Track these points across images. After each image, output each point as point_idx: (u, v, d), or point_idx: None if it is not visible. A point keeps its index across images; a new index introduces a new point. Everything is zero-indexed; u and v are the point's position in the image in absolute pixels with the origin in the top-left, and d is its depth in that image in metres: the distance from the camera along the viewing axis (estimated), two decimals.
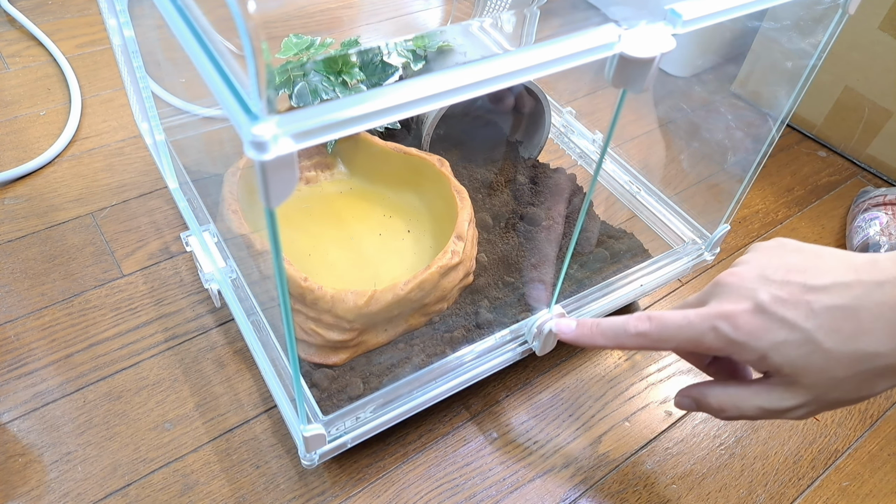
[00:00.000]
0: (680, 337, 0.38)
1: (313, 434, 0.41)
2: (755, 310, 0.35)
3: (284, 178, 0.25)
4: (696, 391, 0.41)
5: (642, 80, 0.31)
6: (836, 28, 0.44)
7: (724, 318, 0.36)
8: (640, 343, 0.40)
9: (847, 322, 0.33)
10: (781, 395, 0.36)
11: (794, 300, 0.34)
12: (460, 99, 0.28)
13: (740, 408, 0.38)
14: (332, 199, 0.60)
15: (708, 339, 0.36)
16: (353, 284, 0.51)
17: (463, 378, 0.48)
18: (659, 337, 0.39)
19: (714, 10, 0.33)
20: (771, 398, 0.37)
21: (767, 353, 0.35)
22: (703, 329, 0.36)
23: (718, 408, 0.39)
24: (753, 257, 0.38)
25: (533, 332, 0.49)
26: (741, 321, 0.35)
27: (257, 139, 0.23)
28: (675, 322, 0.38)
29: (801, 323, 0.34)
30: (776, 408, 0.37)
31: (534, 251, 0.58)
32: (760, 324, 0.35)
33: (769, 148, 0.52)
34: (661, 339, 0.39)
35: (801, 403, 0.36)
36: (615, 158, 0.69)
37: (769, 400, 0.37)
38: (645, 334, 0.39)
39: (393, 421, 0.46)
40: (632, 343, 0.40)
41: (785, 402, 0.36)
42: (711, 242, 0.59)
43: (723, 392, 0.39)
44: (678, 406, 0.42)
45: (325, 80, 0.55)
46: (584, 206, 0.42)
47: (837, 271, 0.34)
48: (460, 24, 0.70)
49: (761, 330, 0.35)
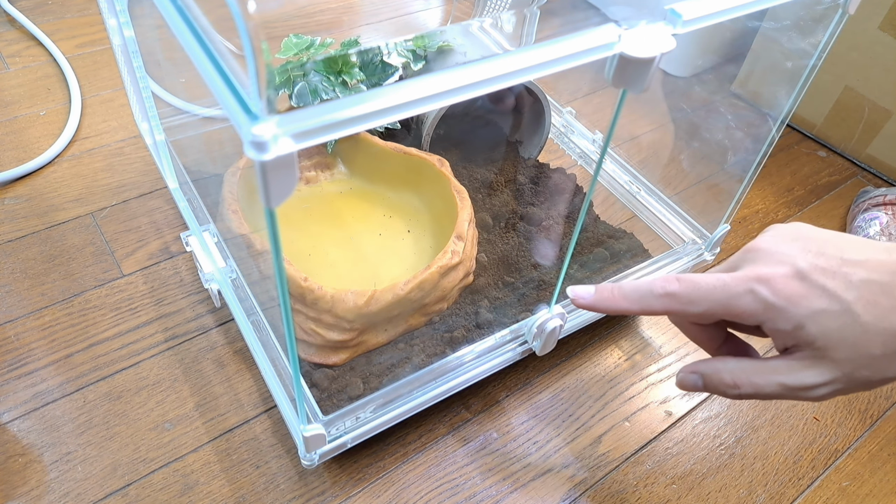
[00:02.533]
0: (712, 299, 0.35)
1: (313, 434, 0.41)
2: (795, 275, 0.33)
3: (284, 178, 0.25)
4: (706, 365, 0.38)
5: (643, 81, 0.31)
6: (836, 28, 0.44)
7: (763, 281, 0.34)
8: (667, 305, 0.37)
9: (885, 297, 0.32)
10: (807, 371, 0.34)
11: (832, 270, 0.33)
12: (460, 99, 0.28)
13: (757, 384, 0.35)
14: (332, 199, 0.60)
15: (743, 303, 0.34)
16: (353, 284, 0.51)
17: (463, 378, 0.48)
18: (689, 298, 0.36)
19: (714, 10, 0.33)
20: (794, 374, 0.34)
21: (804, 322, 0.33)
22: (738, 291, 0.34)
23: (732, 383, 0.36)
24: (778, 231, 0.36)
25: (533, 332, 0.49)
26: (780, 285, 0.33)
27: (257, 139, 0.23)
28: (707, 283, 0.35)
29: (841, 293, 0.32)
30: (799, 384, 0.34)
31: (534, 251, 0.58)
32: (800, 289, 0.33)
33: (769, 148, 0.52)
34: (690, 301, 0.36)
35: (828, 381, 0.34)
36: (615, 158, 0.69)
37: (792, 376, 0.34)
38: (674, 295, 0.36)
39: (393, 421, 0.46)
40: (658, 305, 0.37)
41: (810, 379, 0.34)
42: (711, 242, 0.59)
43: (738, 366, 0.36)
44: (681, 385, 0.39)
45: (325, 80, 0.55)
46: (584, 205, 0.42)
47: (869, 249, 0.33)
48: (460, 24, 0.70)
49: (800, 296, 0.33)
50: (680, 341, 0.60)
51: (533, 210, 0.61)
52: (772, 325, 0.34)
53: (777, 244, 0.35)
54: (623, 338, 0.60)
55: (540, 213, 0.60)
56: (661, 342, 0.60)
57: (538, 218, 0.60)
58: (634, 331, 0.61)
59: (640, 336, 0.61)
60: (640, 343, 0.60)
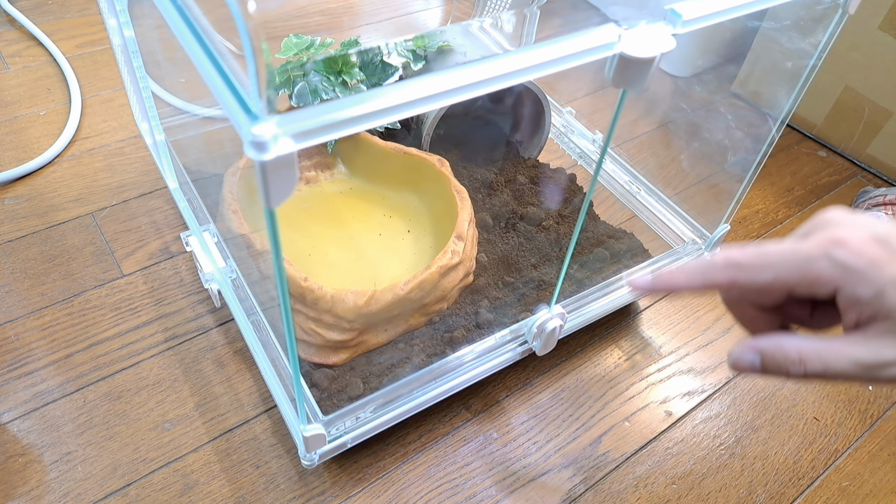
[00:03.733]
0: (782, 264, 0.33)
1: (313, 434, 0.41)
2: (874, 239, 0.32)
3: (284, 178, 0.25)
4: (767, 341, 0.35)
5: (642, 80, 0.31)
6: (836, 28, 0.44)
7: (840, 243, 0.32)
8: (732, 276, 0.34)
9: None
10: (888, 347, 0.32)
11: None
12: (460, 99, 0.28)
13: (827, 361, 0.33)
14: (332, 199, 0.60)
15: (818, 266, 0.32)
16: (353, 284, 0.51)
17: (463, 378, 0.48)
18: (756, 264, 0.34)
19: (714, 10, 0.33)
20: (872, 350, 0.32)
21: (885, 289, 0.31)
22: (814, 255, 0.32)
23: (797, 358, 0.34)
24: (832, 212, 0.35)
25: (533, 332, 0.49)
26: (861, 247, 0.32)
27: (257, 139, 0.23)
28: (776, 249, 0.33)
29: None
30: (877, 361, 0.32)
31: (534, 251, 0.58)
32: (882, 253, 0.31)
33: (769, 148, 0.52)
34: (757, 267, 0.33)
35: None
36: (615, 158, 0.69)
37: (869, 351, 0.32)
38: (739, 264, 0.34)
39: (393, 421, 0.46)
40: (721, 277, 0.35)
41: (890, 354, 0.32)
42: (711, 242, 0.59)
43: (805, 342, 0.34)
44: (736, 365, 0.36)
45: (325, 80, 0.55)
46: (584, 205, 0.42)
47: None
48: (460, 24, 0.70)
49: (883, 259, 0.31)
50: (680, 341, 0.60)
51: (533, 210, 0.61)
52: (850, 292, 0.32)
53: (846, 214, 0.33)
54: (623, 338, 0.60)
55: (540, 212, 0.60)
56: (661, 342, 0.60)
57: (538, 218, 0.60)
58: (634, 331, 0.61)
59: (640, 336, 0.61)
60: (640, 343, 0.60)
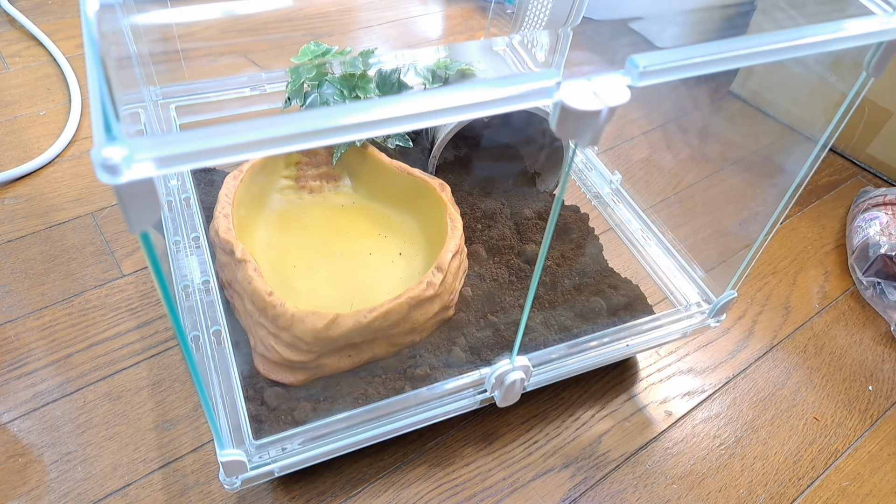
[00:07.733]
0: None
1: (230, 460, 0.39)
2: None
3: (143, 204, 0.23)
4: None
5: (589, 134, 0.28)
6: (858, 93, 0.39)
7: None
8: None
9: None
10: None
11: None
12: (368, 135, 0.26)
13: None
14: (331, 211, 0.59)
15: None
16: (329, 302, 0.50)
17: (412, 420, 0.45)
18: None
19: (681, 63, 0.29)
20: None
21: None
22: None
23: None
24: None
25: (492, 383, 0.46)
26: None
27: (107, 161, 0.22)
28: None
29: None
30: None
31: (524, 291, 0.55)
32: None
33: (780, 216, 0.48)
34: None
35: None
36: (629, 203, 0.64)
37: None
38: None
39: (325, 456, 0.43)
40: None
41: None
42: (715, 308, 0.53)
43: None
44: None
45: (337, 94, 0.55)
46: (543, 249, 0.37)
47: None
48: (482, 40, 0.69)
49: None
50: (680, 342, 0.60)
51: (532, 248, 0.57)
52: None
53: None
54: None
55: (538, 251, 0.57)
56: None
57: (536, 256, 0.56)
58: None
59: None
60: None
